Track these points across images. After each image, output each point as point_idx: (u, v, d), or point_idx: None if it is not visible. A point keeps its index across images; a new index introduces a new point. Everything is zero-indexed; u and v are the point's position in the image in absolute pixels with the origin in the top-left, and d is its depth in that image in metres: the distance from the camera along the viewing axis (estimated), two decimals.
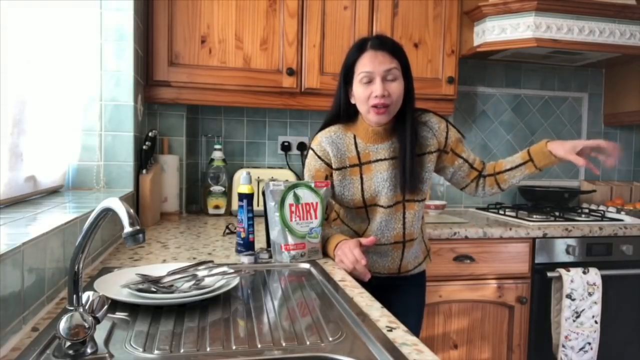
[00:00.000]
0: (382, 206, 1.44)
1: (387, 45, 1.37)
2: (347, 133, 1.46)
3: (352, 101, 1.42)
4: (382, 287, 1.47)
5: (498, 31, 2.23)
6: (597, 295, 2.05)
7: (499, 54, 2.42)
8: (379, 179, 1.43)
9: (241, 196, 1.39)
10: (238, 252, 1.39)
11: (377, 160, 1.44)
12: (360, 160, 1.44)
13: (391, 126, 1.43)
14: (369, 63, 1.35)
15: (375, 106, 1.35)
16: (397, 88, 1.36)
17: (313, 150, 1.47)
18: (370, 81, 1.35)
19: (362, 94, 1.36)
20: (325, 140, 1.45)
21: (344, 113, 1.45)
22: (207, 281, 1.05)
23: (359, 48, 1.38)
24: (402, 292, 1.54)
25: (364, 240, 1.33)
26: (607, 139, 2.85)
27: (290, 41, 2.09)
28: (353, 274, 1.27)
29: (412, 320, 1.55)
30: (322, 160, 1.45)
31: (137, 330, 0.84)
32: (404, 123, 1.41)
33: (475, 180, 1.55)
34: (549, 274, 2.05)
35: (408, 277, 1.53)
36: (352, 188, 1.44)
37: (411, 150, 1.40)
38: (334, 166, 1.44)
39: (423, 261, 1.56)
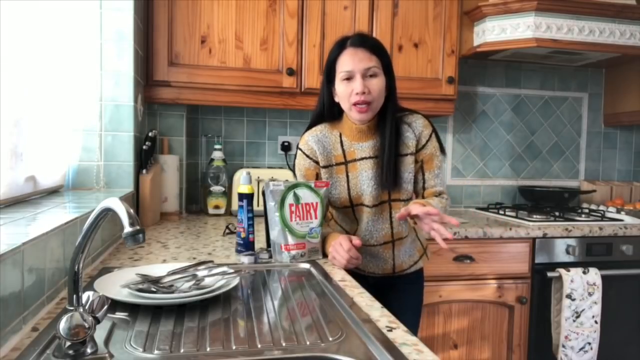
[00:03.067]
0: (367, 205, 1.44)
1: (366, 42, 1.38)
2: (333, 131, 1.47)
3: (336, 99, 1.43)
4: (379, 286, 1.48)
5: (498, 31, 2.23)
6: (597, 295, 2.05)
7: (499, 54, 2.42)
8: (364, 177, 1.43)
9: (241, 196, 1.39)
10: (238, 252, 1.39)
11: (362, 159, 1.44)
12: (345, 158, 1.45)
13: (375, 124, 1.43)
14: (349, 61, 1.35)
15: (356, 104, 1.35)
16: (377, 85, 1.36)
17: (301, 150, 1.48)
18: (350, 79, 1.36)
19: (343, 92, 1.37)
20: (311, 139, 1.46)
21: (329, 112, 1.46)
22: (207, 281, 1.05)
23: (340, 46, 1.39)
24: (399, 291, 1.54)
25: (353, 240, 1.33)
26: (607, 139, 2.87)
27: (290, 41, 2.09)
28: (349, 267, 1.29)
29: (410, 319, 1.55)
30: (310, 158, 1.46)
31: (137, 330, 0.84)
32: (385, 122, 1.41)
33: None
34: (549, 274, 2.05)
35: (404, 275, 1.54)
36: (339, 186, 1.45)
37: (390, 148, 1.39)
38: (321, 164, 1.45)
39: (419, 259, 1.56)
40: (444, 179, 1.47)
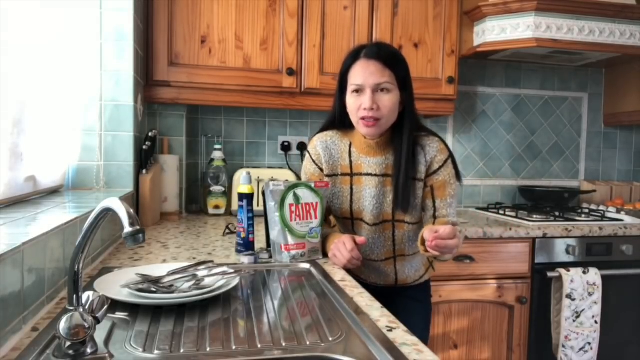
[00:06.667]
0: (367, 223, 1.40)
1: (382, 55, 1.30)
2: (344, 140, 1.42)
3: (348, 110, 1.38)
4: (383, 294, 1.45)
5: (498, 31, 2.23)
6: (597, 295, 2.05)
7: (499, 54, 2.42)
8: (367, 195, 1.38)
9: (241, 196, 1.39)
10: (238, 252, 1.39)
11: (367, 174, 1.38)
12: (352, 170, 1.40)
13: (385, 141, 1.36)
14: (360, 74, 1.29)
15: (364, 118, 1.30)
16: (388, 101, 1.28)
17: (309, 154, 1.45)
18: (360, 92, 1.30)
19: (352, 105, 1.32)
20: (319, 145, 1.43)
21: (339, 121, 1.41)
22: (207, 281, 1.05)
23: (353, 56, 1.33)
24: (405, 298, 1.49)
25: (357, 239, 1.31)
26: (607, 139, 2.87)
27: (290, 41, 2.09)
28: (349, 267, 1.28)
29: (418, 327, 1.50)
30: (316, 164, 1.44)
31: (137, 330, 0.84)
32: (401, 140, 1.33)
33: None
34: (549, 274, 2.05)
35: (408, 287, 1.50)
36: (342, 197, 1.42)
37: (406, 170, 1.31)
38: (325, 172, 1.42)
39: (425, 273, 1.52)
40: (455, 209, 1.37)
